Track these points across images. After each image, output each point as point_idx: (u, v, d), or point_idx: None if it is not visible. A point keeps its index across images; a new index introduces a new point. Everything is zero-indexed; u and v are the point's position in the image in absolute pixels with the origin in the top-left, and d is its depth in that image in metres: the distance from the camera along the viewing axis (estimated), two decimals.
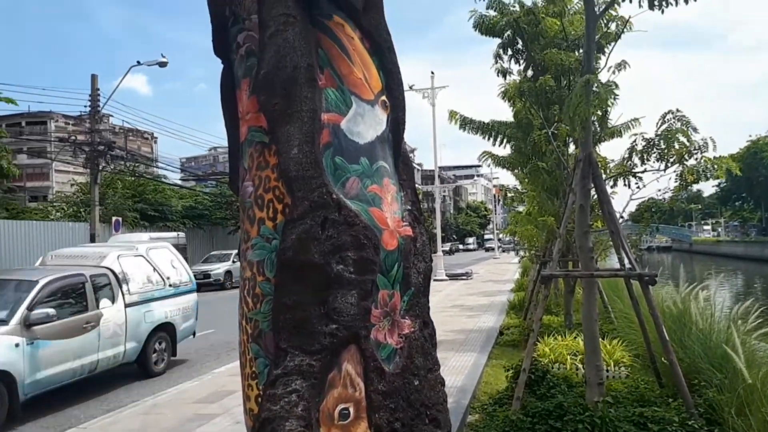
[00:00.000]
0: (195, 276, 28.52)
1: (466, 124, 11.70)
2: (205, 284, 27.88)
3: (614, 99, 7.87)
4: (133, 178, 33.99)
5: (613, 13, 9.05)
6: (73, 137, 25.09)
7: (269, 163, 2.64)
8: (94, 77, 23.83)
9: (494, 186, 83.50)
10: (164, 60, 23.31)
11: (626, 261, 6.26)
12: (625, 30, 7.93)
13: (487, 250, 73.67)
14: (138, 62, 24.28)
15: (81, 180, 34.73)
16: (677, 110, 6.39)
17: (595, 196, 6.86)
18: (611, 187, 7.47)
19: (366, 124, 2.74)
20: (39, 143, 37.90)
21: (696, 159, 6.99)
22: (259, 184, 2.66)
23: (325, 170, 2.57)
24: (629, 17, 7.43)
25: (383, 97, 2.85)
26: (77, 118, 30.02)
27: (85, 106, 23.86)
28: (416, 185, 3.29)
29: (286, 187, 2.56)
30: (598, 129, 9.15)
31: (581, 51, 10.24)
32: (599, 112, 8.55)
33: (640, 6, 6.23)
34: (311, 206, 2.49)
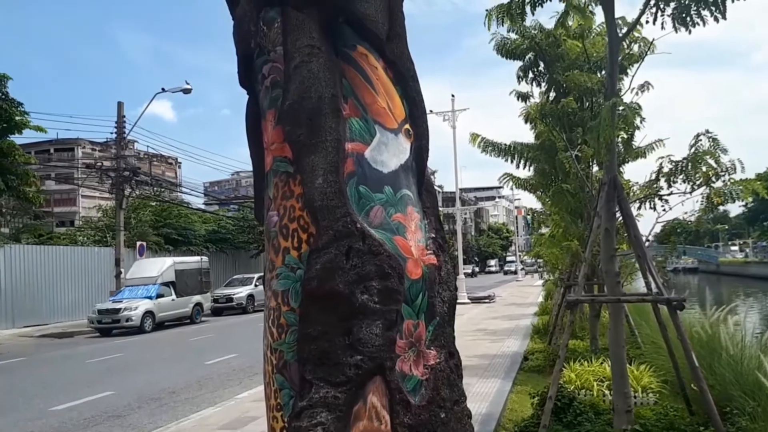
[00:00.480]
0: (217, 300, 29.02)
1: (488, 146, 11.69)
2: (227, 308, 28.04)
3: (640, 121, 7.80)
4: (157, 203, 34.45)
5: (636, 35, 9.02)
6: (99, 163, 25.57)
7: (294, 193, 2.64)
8: (120, 105, 24.39)
9: (516, 207, 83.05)
10: (188, 87, 23.75)
11: (653, 285, 6.15)
12: (648, 52, 7.88)
13: (506, 273, 71.65)
14: (162, 89, 24.80)
15: (106, 205, 35.30)
16: (707, 131, 6.32)
17: (620, 219, 6.78)
18: (637, 209, 7.38)
19: (390, 153, 2.75)
20: (66, 170, 38.69)
21: (723, 181, 6.89)
22: (284, 213, 2.66)
23: (350, 199, 2.57)
24: (653, 39, 7.38)
25: (407, 126, 2.85)
26: (103, 144, 30.66)
27: (111, 133, 24.39)
28: (435, 193, 3.28)
29: (310, 216, 2.56)
30: (623, 151, 9.07)
31: (603, 72, 10.23)
32: (625, 135, 8.48)
33: (662, 28, 6.21)
34: (336, 235, 2.48)
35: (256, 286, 28.85)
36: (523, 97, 11.52)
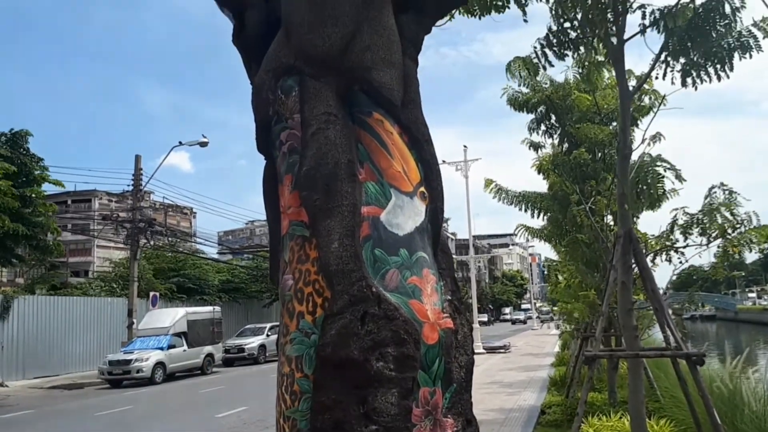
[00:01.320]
0: (229, 350, 28.80)
1: (502, 193, 11.74)
2: (238, 358, 27.77)
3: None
4: (171, 254, 34.65)
5: (647, 87, 9.13)
6: (115, 215, 25.90)
7: (310, 257, 2.65)
8: (137, 157, 24.83)
9: (530, 254, 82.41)
10: (205, 140, 24.20)
11: (672, 339, 6.05)
12: (660, 106, 7.96)
13: (514, 322, 68.67)
14: (180, 143, 25.29)
15: (121, 255, 35.54)
16: (722, 184, 6.32)
17: (636, 271, 6.72)
18: (652, 262, 7.32)
19: (405, 216, 2.76)
20: (83, 221, 39.18)
21: (739, 233, 6.84)
22: (299, 277, 2.67)
23: (365, 263, 2.57)
24: (664, 95, 7.46)
25: (422, 189, 2.87)
26: (120, 195, 31.10)
27: (128, 185, 24.73)
28: (451, 254, 3.27)
29: (326, 280, 2.56)
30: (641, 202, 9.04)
31: (615, 124, 10.32)
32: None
33: (672, 83, 6.29)
34: (351, 300, 2.48)
35: (268, 336, 28.64)
36: (536, 146, 11.61)
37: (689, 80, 6.12)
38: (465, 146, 29.09)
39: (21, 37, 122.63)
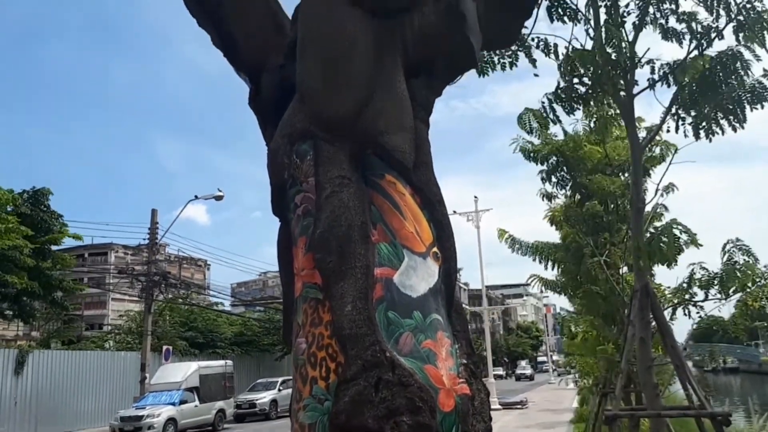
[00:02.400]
0: (240, 406, 28.27)
1: (515, 244, 11.68)
2: (250, 414, 27.28)
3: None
4: (186, 307, 34.63)
5: (658, 138, 9.16)
6: (131, 268, 26.06)
7: (323, 320, 2.64)
8: (153, 212, 25.15)
9: (545, 305, 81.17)
10: (220, 194, 24.52)
11: (695, 398, 5.88)
12: (672, 159, 7.97)
13: (518, 378, 60.50)
14: (195, 196, 25.58)
15: (135, 308, 35.55)
16: (737, 239, 6.26)
17: (655, 325, 6.59)
18: (670, 317, 7.19)
19: (418, 277, 2.75)
20: (99, 274, 39.44)
21: (759, 287, 6.73)
22: (312, 341, 2.65)
23: (379, 326, 2.55)
24: (676, 149, 7.48)
25: (434, 249, 2.87)
26: (135, 248, 31.37)
27: (144, 239, 24.97)
28: (463, 305, 3.23)
29: (339, 345, 2.53)
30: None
31: (626, 175, 10.32)
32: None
33: (685, 136, 6.31)
34: (365, 366, 2.44)
35: (279, 390, 28.20)
36: (548, 197, 11.61)
37: (702, 132, 6.14)
38: (476, 197, 29.22)
39: (41, 92, 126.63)
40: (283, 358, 37.82)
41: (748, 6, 5.37)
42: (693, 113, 6.24)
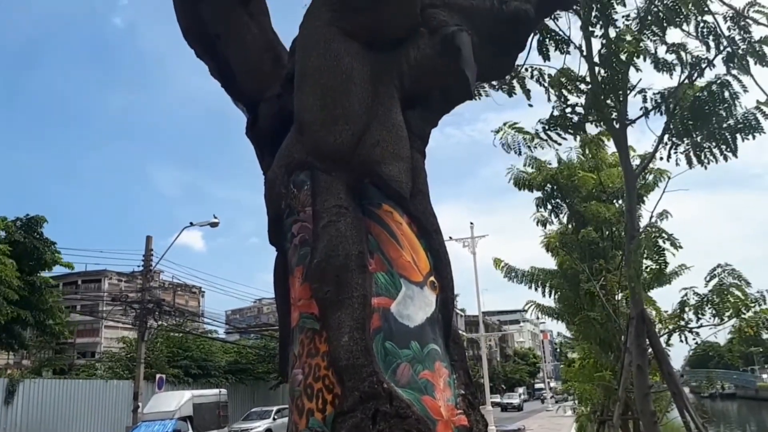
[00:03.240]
0: None
1: (510, 272, 11.68)
2: None
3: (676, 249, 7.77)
4: (179, 334, 34.29)
5: (651, 166, 9.23)
6: (125, 295, 25.86)
7: (319, 351, 2.63)
8: (148, 238, 25.01)
9: (542, 331, 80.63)
10: (215, 221, 24.46)
11: (692, 425, 5.84)
12: (666, 184, 8.04)
13: (504, 409, 56.23)
14: (191, 223, 25.48)
15: (129, 335, 35.19)
16: (726, 264, 6.29)
17: (650, 350, 6.56)
18: (666, 343, 7.18)
19: (416, 306, 2.75)
20: (92, 301, 39.10)
21: (755, 312, 6.73)
22: (308, 372, 2.63)
23: (376, 356, 2.54)
24: (669, 177, 7.54)
25: (431, 278, 2.88)
26: (129, 275, 31.18)
27: (138, 266, 24.81)
28: (460, 331, 3.22)
29: (336, 376, 2.52)
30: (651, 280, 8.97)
31: (621, 202, 10.38)
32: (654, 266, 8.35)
33: (677, 164, 6.37)
34: (362, 397, 2.42)
35: (274, 419, 27.80)
36: (543, 223, 11.64)
37: (695, 160, 6.20)
38: (471, 223, 29.20)
39: (38, 118, 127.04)
40: (278, 386, 37.33)
41: (738, 38, 5.48)
42: (686, 141, 6.31)
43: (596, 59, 5.98)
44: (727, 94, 5.61)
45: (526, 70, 6.53)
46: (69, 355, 41.41)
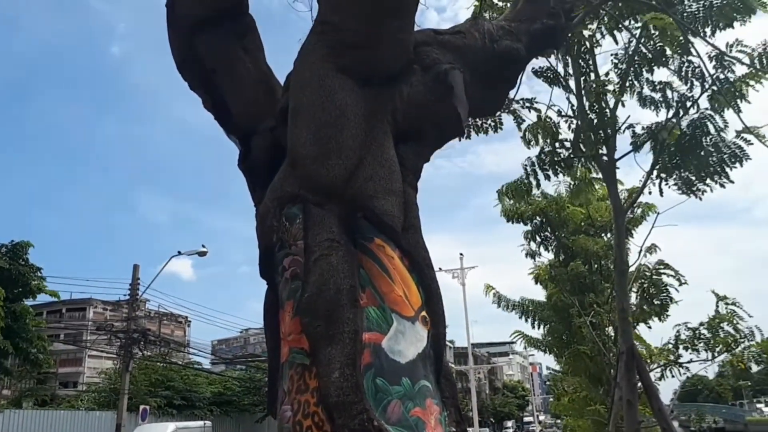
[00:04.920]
0: None
1: (501, 300, 11.69)
2: None
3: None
4: (164, 364, 33.75)
5: (639, 200, 9.32)
6: (109, 325, 25.49)
7: (309, 387, 2.59)
8: (135, 267, 24.76)
9: (531, 363, 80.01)
10: (204, 250, 24.29)
11: None
12: (655, 220, 8.13)
13: None
14: (179, 252, 25.25)
15: (111, 365, 34.58)
16: (725, 297, 6.34)
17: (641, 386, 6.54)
18: (657, 378, 7.17)
19: (407, 342, 2.73)
20: (75, 330, 38.48)
21: (744, 347, 6.76)
22: (298, 408, 2.59)
23: (366, 393, 2.51)
24: (658, 213, 7.63)
25: (423, 313, 2.87)
26: (115, 303, 30.76)
27: (125, 294, 24.52)
28: (449, 363, 3.19)
29: (325, 413, 2.48)
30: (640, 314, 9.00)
31: (608, 236, 10.45)
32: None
33: (661, 195, 6.44)
34: None
35: None
36: (532, 255, 11.69)
37: (688, 191, 6.28)
38: (461, 254, 29.32)
39: (27, 146, 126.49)
40: (264, 419, 36.71)
41: (722, 77, 5.60)
42: (675, 175, 6.39)
43: (584, 96, 6.08)
44: (712, 128, 5.72)
45: (517, 102, 6.64)
46: (51, 385, 40.54)
